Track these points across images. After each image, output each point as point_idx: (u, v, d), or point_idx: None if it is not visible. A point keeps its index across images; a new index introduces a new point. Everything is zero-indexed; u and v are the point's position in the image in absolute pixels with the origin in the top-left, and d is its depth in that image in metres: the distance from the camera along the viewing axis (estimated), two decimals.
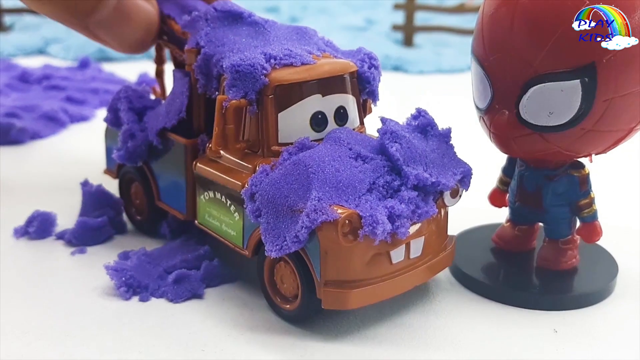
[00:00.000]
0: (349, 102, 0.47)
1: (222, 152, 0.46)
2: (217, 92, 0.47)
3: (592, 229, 0.46)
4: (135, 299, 0.45)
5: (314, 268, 0.41)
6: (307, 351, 0.40)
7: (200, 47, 0.48)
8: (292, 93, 0.45)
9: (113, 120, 0.55)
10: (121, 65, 1.14)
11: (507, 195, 0.50)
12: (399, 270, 0.43)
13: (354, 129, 0.46)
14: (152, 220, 0.54)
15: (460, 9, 1.35)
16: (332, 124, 0.46)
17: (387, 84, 0.70)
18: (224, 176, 0.45)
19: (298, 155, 0.43)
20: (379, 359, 0.40)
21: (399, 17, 1.34)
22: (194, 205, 0.49)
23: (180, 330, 0.42)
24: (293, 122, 0.45)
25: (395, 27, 1.32)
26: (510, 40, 0.42)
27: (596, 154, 0.45)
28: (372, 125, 0.48)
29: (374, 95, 0.50)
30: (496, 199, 0.51)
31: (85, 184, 0.55)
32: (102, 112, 0.89)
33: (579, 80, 0.41)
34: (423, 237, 0.43)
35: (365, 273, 0.41)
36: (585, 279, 0.47)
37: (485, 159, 0.53)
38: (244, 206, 0.43)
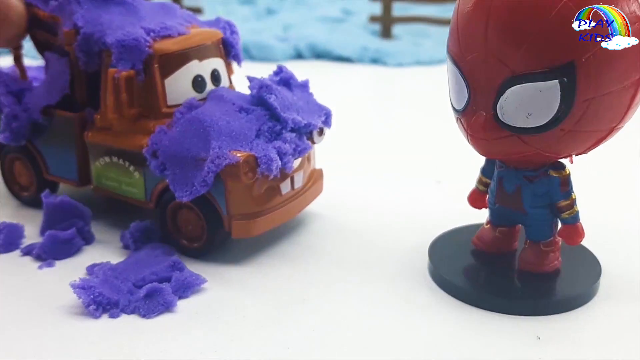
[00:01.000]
0: (220, 65, 0.55)
1: (113, 120, 0.51)
2: (98, 67, 0.53)
3: (574, 231, 0.45)
4: (105, 316, 0.44)
5: (220, 206, 0.49)
6: None
7: (78, 27, 0.53)
8: (174, 61, 0.52)
9: None
10: None
11: (487, 196, 0.49)
12: (287, 199, 0.53)
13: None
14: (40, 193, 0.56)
15: None
16: (209, 85, 0.54)
17: (366, 77, 0.69)
18: (121, 140, 0.52)
19: (191, 114, 0.50)
20: None
21: (377, 8, 1.33)
22: (86, 172, 0.56)
23: (151, 347, 0.41)
24: (177, 86, 0.52)
25: (373, 19, 1.30)
26: (486, 39, 0.41)
27: (577, 155, 0.44)
28: (239, 85, 0.57)
29: (238, 58, 0.58)
30: (476, 200, 0.50)
31: (47, 196, 0.53)
32: None
33: (557, 81, 0.40)
34: (302, 170, 0.53)
35: (262, 204, 0.50)
36: (568, 282, 0.46)
37: (465, 156, 0.51)
38: (147, 164, 0.50)
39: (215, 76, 0.54)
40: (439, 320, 0.44)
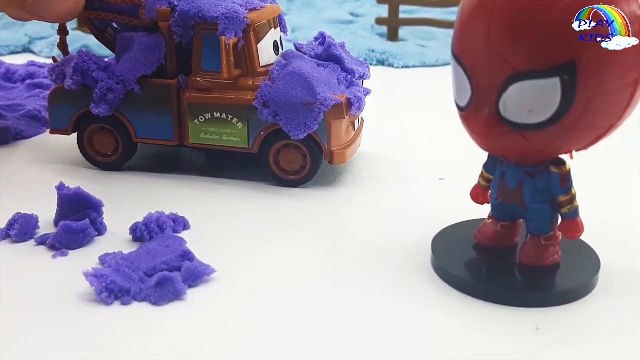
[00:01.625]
0: (280, 33, 0.68)
1: (208, 81, 0.63)
2: (190, 39, 0.63)
3: (573, 225, 0.46)
4: (117, 303, 0.45)
5: (322, 141, 0.62)
6: (289, 354, 0.40)
7: (173, 5, 0.63)
8: (263, 29, 0.63)
9: (80, 82, 0.65)
10: None
11: (489, 191, 0.50)
12: (355, 135, 0.66)
13: None
14: (124, 156, 0.68)
15: (444, 2, 1.34)
16: (280, 49, 0.66)
17: (372, 78, 0.70)
18: (225, 98, 0.63)
19: (288, 69, 0.62)
20: (356, 356, 0.40)
21: (384, 11, 1.34)
22: (181, 131, 0.65)
23: (161, 334, 0.42)
24: (265, 49, 0.64)
25: (380, 21, 1.31)
26: (488, 37, 0.42)
27: (577, 151, 0.45)
28: None
29: (285, 28, 0.69)
30: (478, 195, 0.51)
31: (61, 187, 0.55)
32: None
33: (558, 78, 0.41)
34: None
35: (347, 138, 0.64)
36: (568, 275, 0.47)
37: (468, 154, 0.53)
38: (257, 113, 0.61)
39: (280, 41, 0.67)
40: (441, 311, 0.45)
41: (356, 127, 0.67)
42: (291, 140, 0.62)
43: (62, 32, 0.70)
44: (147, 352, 0.40)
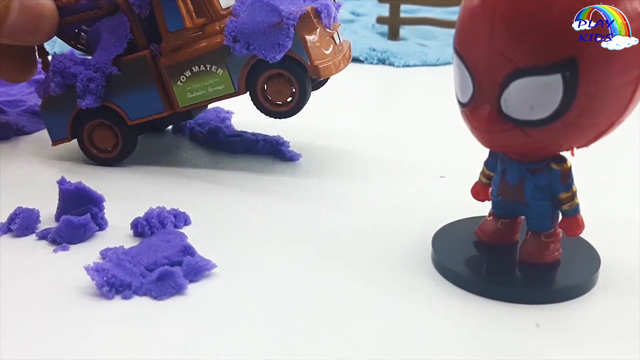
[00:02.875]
0: None
1: (178, 41, 0.63)
2: (150, 7, 0.63)
3: (574, 223, 0.47)
4: (118, 297, 0.45)
5: (303, 59, 0.61)
6: (289, 348, 0.40)
7: None
8: None
9: (61, 83, 0.66)
10: None
11: (490, 188, 0.50)
12: (340, 50, 0.65)
13: None
14: (129, 145, 0.68)
15: (445, 1, 1.34)
16: None
17: (373, 77, 0.70)
18: (198, 48, 0.63)
19: (249, 0, 0.61)
20: (357, 352, 0.40)
21: (385, 10, 1.34)
22: (169, 98, 0.65)
23: (162, 328, 0.42)
24: None
25: (381, 20, 1.32)
26: (491, 34, 0.42)
27: (578, 148, 0.45)
28: None
29: None
30: (479, 192, 0.51)
31: (62, 182, 0.55)
32: None
33: (560, 74, 0.41)
34: (339, 25, 0.66)
35: (329, 51, 0.63)
36: (568, 272, 0.47)
37: (468, 152, 0.53)
38: (231, 51, 0.61)
39: None
40: (441, 308, 0.45)
41: (338, 40, 0.66)
42: (274, 69, 0.61)
43: (43, 53, 0.71)
44: (148, 346, 0.40)
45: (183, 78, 0.64)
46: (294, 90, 0.63)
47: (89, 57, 0.66)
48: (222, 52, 0.62)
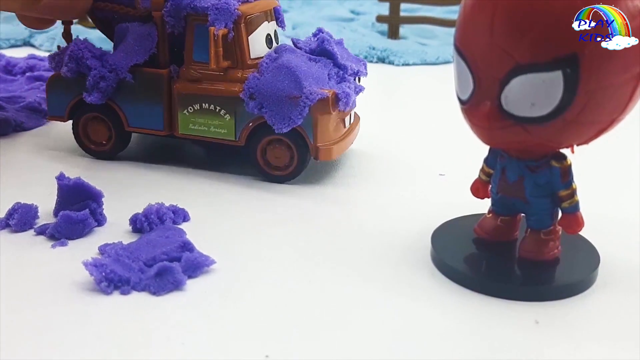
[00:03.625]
0: (275, 27, 0.67)
1: (199, 72, 0.63)
2: (183, 29, 0.64)
3: (573, 220, 0.46)
4: (117, 292, 0.45)
5: (308, 137, 0.61)
6: (289, 344, 0.40)
7: None
8: (255, 21, 0.63)
9: (74, 70, 0.65)
10: None
11: (490, 186, 0.50)
12: (347, 132, 0.65)
13: None
14: (117, 146, 0.68)
15: (445, 0, 1.34)
16: (273, 43, 0.66)
17: (372, 76, 0.70)
18: (214, 89, 0.63)
19: (277, 62, 0.61)
20: (356, 348, 0.40)
21: (384, 9, 1.34)
22: (171, 121, 0.65)
23: (161, 324, 0.42)
24: (257, 42, 0.63)
25: (381, 19, 1.32)
26: (491, 31, 0.42)
27: (578, 145, 0.45)
28: None
29: (283, 23, 0.69)
30: (478, 189, 0.51)
31: (61, 178, 0.54)
32: None
33: (560, 71, 0.41)
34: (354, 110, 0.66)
35: (336, 134, 0.63)
36: (567, 270, 0.47)
37: (467, 150, 0.53)
38: (244, 105, 0.61)
39: (275, 35, 0.66)
40: (440, 305, 0.45)
41: (348, 124, 0.66)
42: (278, 135, 0.61)
43: (67, 21, 0.72)
44: (146, 341, 0.40)
45: (191, 109, 0.64)
46: (292, 158, 0.62)
47: (108, 53, 0.66)
48: (235, 101, 0.62)
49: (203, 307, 0.44)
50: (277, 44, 0.67)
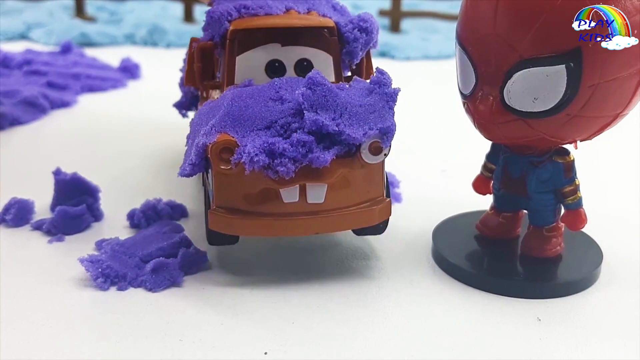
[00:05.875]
0: (316, 56, 0.49)
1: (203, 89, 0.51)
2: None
3: (576, 216, 0.46)
4: (113, 288, 0.44)
5: (209, 194, 0.45)
6: (287, 341, 0.40)
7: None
8: (250, 39, 0.48)
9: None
10: (104, 51, 1.12)
11: (492, 182, 0.49)
12: (294, 212, 0.44)
13: None
14: None
15: None
16: (290, 74, 0.48)
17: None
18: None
19: (227, 91, 0.46)
20: (356, 345, 0.39)
21: (386, 3, 1.33)
22: None
23: (158, 319, 0.41)
24: (249, 66, 0.48)
25: (383, 13, 1.31)
26: (494, 24, 0.41)
27: (581, 141, 0.44)
28: None
29: (350, 55, 0.51)
30: (480, 186, 0.51)
31: (58, 173, 0.54)
32: (84, 98, 0.89)
33: (564, 65, 0.40)
34: (325, 184, 0.44)
35: (253, 205, 0.44)
36: (570, 267, 0.47)
37: (470, 146, 0.52)
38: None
39: (303, 66, 0.49)
40: (441, 302, 0.44)
41: (303, 199, 0.44)
42: None
43: None
44: (144, 337, 0.40)
45: None
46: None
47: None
48: None
49: (200, 303, 0.43)
50: (333, 80, 0.49)
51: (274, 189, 0.43)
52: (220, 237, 0.45)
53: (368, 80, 0.46)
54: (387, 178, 0.47)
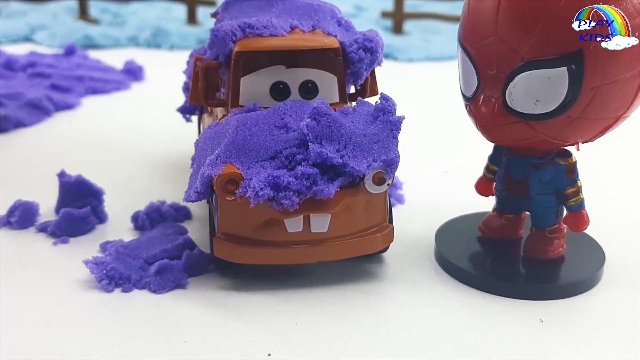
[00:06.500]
0: (321, 77, 0.49)
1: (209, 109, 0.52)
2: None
3: (579, 218, 0.46)
4: (118, 290, 0.45)
5: (214, 220, 0.45)
6: (291, 343, 0.40)
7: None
8: (255, 60, 0.48)
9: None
10: (107, 53, 1.13)
11: (494, 183, 0.50)
12: (298, 240, 0.44)
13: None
14: None
15: None
16: (295, 96, 0.48)
17: (377, 71, 0.69)
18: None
19: (231, 116, 0.46)
20: (359, 346, 0.40)
21: (389, 4, 1.34)
22: None
23: (162, 321, 0.42)
24: (254, 88, 0.48)
25: (385, 14, 1.31)
26: (496, 27, 0.41)
27: (583, 142, 0.45)
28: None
29: (355, 76, 0.50)
30: (483, 187, 0.51)
31: (62, 175, 0.54)
32: (88, 100, 0.89)
33: (565, 68, 0.40)
34: (329, 214, 0.44)
35: (257, 234, 0.44)
36: (572, 268, 0.47)
37: (472, 148, 0.52)
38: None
39: (308, 88, 0.48)
40: (444, 303, 0.44)
41: (307, 229, 0.44)
42: None
43: None
44: (147, 338, 0.40)
45: None
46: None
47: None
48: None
49: (204, 305, 0.43)
50: (337, 101, 0.49)
51: (277, 219, 0.44)
52: (226, 262, 0.45)
53: (372, 99, 0.47)
54: (390, 204, 0.48)
